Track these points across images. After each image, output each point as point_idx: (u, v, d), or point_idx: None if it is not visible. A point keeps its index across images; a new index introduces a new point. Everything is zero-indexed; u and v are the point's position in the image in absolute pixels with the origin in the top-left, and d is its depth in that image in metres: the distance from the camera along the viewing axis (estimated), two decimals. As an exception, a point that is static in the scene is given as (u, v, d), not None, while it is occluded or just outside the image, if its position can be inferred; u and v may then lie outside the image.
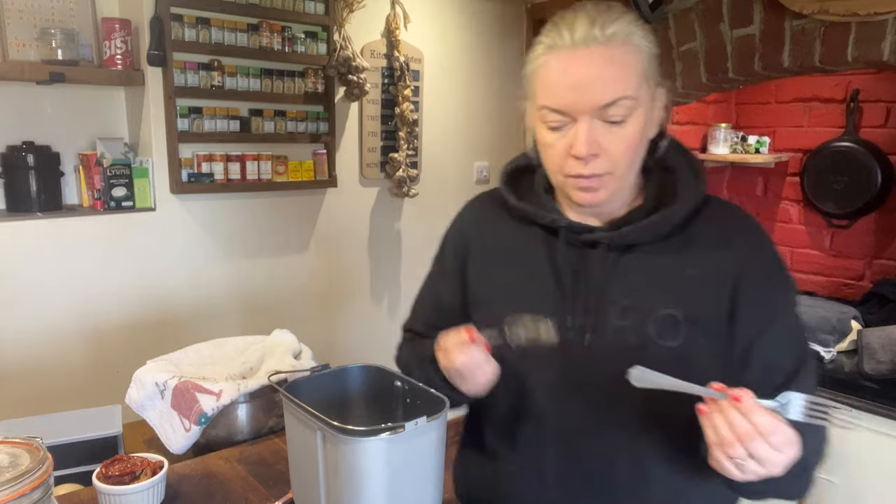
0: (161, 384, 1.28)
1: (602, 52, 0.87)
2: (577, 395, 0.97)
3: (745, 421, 0.75)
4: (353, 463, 0.82)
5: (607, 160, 0.90)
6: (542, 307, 0.97)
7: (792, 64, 1.98)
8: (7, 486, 0.71)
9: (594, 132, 0.89)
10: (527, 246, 1.04)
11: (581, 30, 0.88)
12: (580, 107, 0.88)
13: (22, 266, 2.08)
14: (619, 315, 0.95)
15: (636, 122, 0.90)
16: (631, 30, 0.89)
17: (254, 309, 2.61)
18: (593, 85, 0.87)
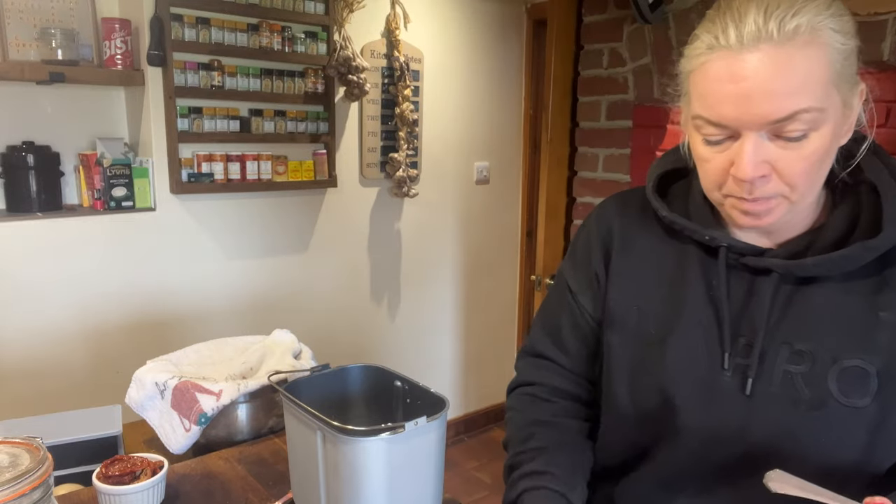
0: (161, 384, 1.28)
1: (777, 53, 0.68)
2: (726, 451, 0.82)
3: None
4: (353, 463, 0.82)
5: (780, 183, 0.73)
6: (697, 337, 0.83)
7: (792, 64, 1.98)
8: (7, 486, 0.71)
9: (763, 151, 0.72)
10: (679, 264, 0.87)
11: (751, 24, 0.69)
12: (746, 122, 0.71)
13: (22, 266, 2.08)
14: (792, 360, 0.78)
15: (821, 137, 0.71)
16: (818, 22, 0.69)
17: (254, 309, 2.61)
18: (764, 97, 0.69)
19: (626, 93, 2.43)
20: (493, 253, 3.46)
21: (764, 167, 0.72)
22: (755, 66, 0.69)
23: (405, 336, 3.13)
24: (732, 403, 0.80)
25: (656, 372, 0.85)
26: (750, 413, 0.79)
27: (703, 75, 0.73)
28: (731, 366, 0.81)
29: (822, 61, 0.69)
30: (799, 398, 0.77)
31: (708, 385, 0.82)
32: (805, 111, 0.69)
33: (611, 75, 2.47)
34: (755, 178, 0.72)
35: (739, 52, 0.70)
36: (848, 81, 0.73)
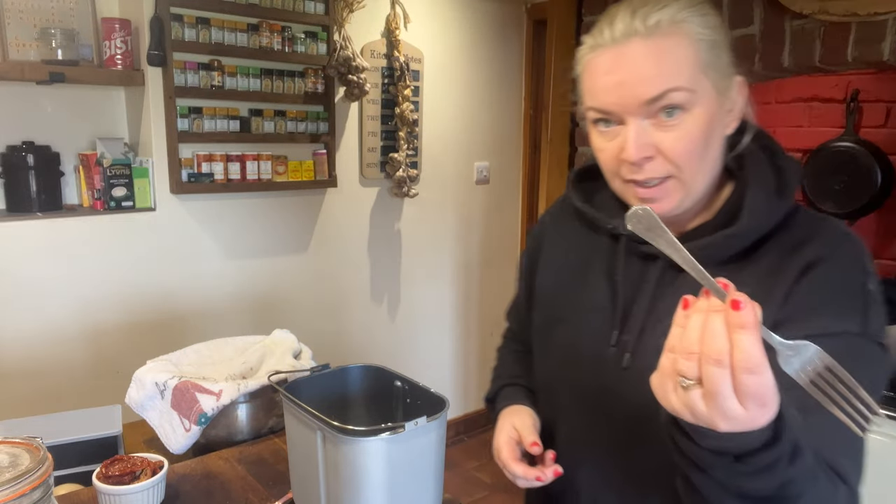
0: (161, 384, 1.28)
1: (644, 44, 0.78)
2: (609, 417, 0.90)
3: (724, 336, 0.55)
4: (353, 463, 0.82)
5: (665, 163, 0.80)
6: (595, 317, 0.92)
7: (792, 64, 1.98)
8: (7, 486, 0.71)
9: (645, 133, 0.79)
10: (590, 252, 0.97)
11: (621, 24, 0.79)
12: (625, 105, 0.79)
13: (22, 266, 2.08)
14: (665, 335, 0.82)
15: (697, 117, 0.79)
16: (679, 16, 0.78)
17: (254, 309, 2.61)
18: (637, 81, 0.78)
19: (626, 93, 2.43)
20: (492, 253, 3.46)
21: (648, 149, 0.80)
22: (627, 57, 0.79)
23: (405, 336, 3.13)
24: (612, 374, 0.89)
25: (561, 348, 0.97)
26: (626, 383, 0.88)
27: (588, 72, 0.84)
28: (619, 342, 0.90)
29: (687, 49, 0.78)
30: None
31: (596, 359, 0.91)
32: (674, 90, 0.77)
33: (611, 75, 2.47)
34: (641, 160, 0.80)
35: (613, 47, 0.80)
36: (718, 71, 0.80)
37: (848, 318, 0.77)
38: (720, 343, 0.55)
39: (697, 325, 0.57)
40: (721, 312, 0.56)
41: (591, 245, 0.98)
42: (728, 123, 0.84)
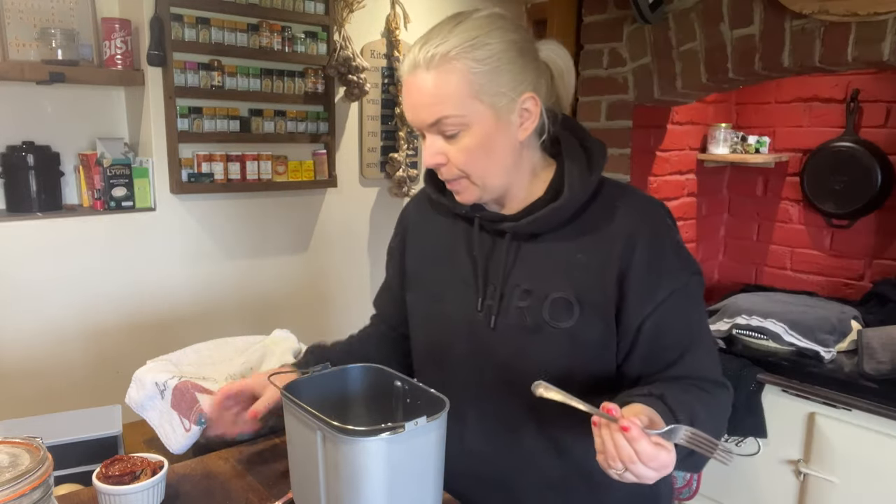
0: (161, 384, 1.28)
1: (423, 77, 0.95)
2: (486, 369, 1.07)
3: (629, 448, 0.80)
4: (353, 463, 0.82)
5: (454, 168, 0.99)
6: (461, 289, 1.09)
7: (792, 64, 1.98)
8: (7, 486, 0.71)
9: (436, 145, 0.99)
10: (450, 234, 1.14)
11: (410, 57, 0.97)
12: (417, 125, 1.00)
13: (22, 266, 2.08)
14: (521, 298, 1.04)
15: (472, 136, 0.96)
16: (454, 53, 0.93)
17: (254, 309, 2.61)
18: (417, 108, 0.97)
19: (626, 93, 2.43)
20: (493, 253, 3.45)
21: (439, 157, 0.99)
22: (413, 87, 0.97)
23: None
24: (483, 335, 1.07)
25: (438, 320, 1.13)
26: (495, 341, 1.06)
27: (402, 90, 1.02)
28: (484, 308, 1.07)
29: (458, 80, 0.94)
30: (525, 326, 1.03)
31: (468, 325, 1.08)
32: (446, 117, 0.95)
33: (611, 75, 2.46)
34: (435, 165, 1.00)
35: (407, 77, 0.98)
36: (495, 94, 0.95)
37: (673, 276, 1.00)
38: (627, 452, 0.80)
39: (610, 442, 0.82)
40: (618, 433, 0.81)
41: (451, 228, 1.14)
42: (521, 131, 1.00)
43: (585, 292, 1.00)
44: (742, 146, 2.73)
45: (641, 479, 0.83)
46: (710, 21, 2.14)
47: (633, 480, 0.84)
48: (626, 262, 0.99)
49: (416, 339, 1.21)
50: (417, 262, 1.19)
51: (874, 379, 1.90)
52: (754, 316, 2.19)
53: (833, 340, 2.09)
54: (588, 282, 1.01)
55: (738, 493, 2.19)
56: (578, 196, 1.01)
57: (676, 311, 1.00)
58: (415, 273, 1.19)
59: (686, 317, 1.02)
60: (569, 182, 1.01)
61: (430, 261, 1.16)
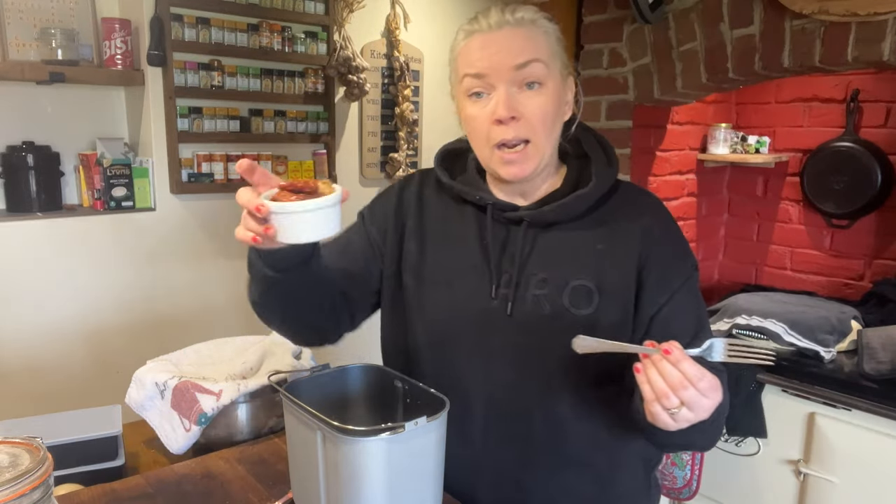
0: (161, 384, 1.28)
1: (513, 30, 1.01)
2: (499, 358, 1.07)
3: (676, 370, 0.82)
4: (353, 463, 0.82)
5: (526, 125, 1.00)
6: (474, 275, 1.09)
7: (792, 64, 1.98)
8: (7, 486, 0.71)
9: (512, 97, 1.00)
10: (460, 222, 1.13)
11: (495, 16, 1.02)
12: (497, 69, 0.99)
13: (22, 266, 2.08)
14: (538, 286, 1.05)
15: (549, 90, 1.01)
16: (538, 17, 1.03)
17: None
18: (508, 50, 0.99)
19: (626, 93, 2.43)
20: (493, 253, 3.45)
21: (514, 109, 1.00)
22: (501, 37, 1.00)
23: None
24: (497, 323, 1.06)
25: (444, 308, 1.11)
26: (512, 328, 1.06)
27: (467, 49, 1.04)
28: (498, 296, 1.07)
29: (543, 37, 1.02)
30: (543, 313, 1.04)
31: (483, 312, 1.07)
32: (537, 60, 0.99)
33: (611, 75, 2.46)
34: (508, 119, 0.99)
35: (490, 32, 1.01)
36: (562, 62, 1.04)
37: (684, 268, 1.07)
38: (676, 377, 0.82)
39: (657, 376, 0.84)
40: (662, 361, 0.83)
41: (456, 214, 1.14)
42: (565, 111, 1.07)
43: (606, 280, 1.04)
44: (742, 146, 2.73)
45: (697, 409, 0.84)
46: (710, 21, 2.14)
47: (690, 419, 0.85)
48: (645, 253, 1.04)
49: (415, 326, 1.15)
50: (418, 247, 1.16)
51: (874, 379, 1.90)
52: (754, 316, 2.19)
53: (833, 340, 2.09)
54: (608, 270, 1.04)
55: (738, 493, 2.19)
56: (602, 187, 1.07)
57: (685, 301, 1.06)
58: (414, 258, 1.16)
59: (693, 306, 1.07)
60: (595, 172, 1.07)
61: (433, 246, 1.15)
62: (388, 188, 1.26)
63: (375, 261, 1.19)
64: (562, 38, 1.06)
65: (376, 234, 1.19)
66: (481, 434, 1.09)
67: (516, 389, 1.07)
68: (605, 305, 1.04)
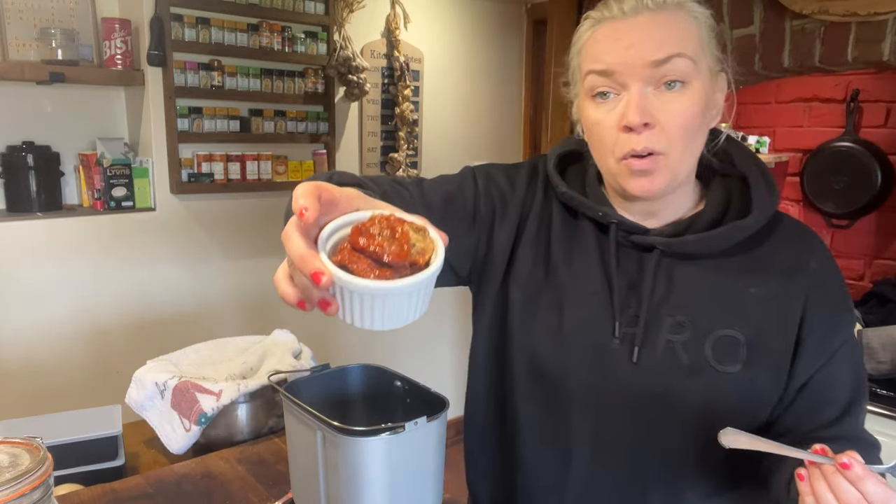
0: (161, 384, 1.28)
1: (653, 17, 0.81)
2: (615, 412, 0.88)
3: (853, 490, 0.67)
4: (353, 463, 0.82)
5: (662, 134, 0.81)
6: (592, 306, 0.90)
7: (792, 64, 1.98)
8: (7, 486, 0.71)
9: (646, 99, 0.81)
10: (576, 239, 0.94)
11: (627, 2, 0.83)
12: (630, 65, 0.80)
13: (22, 266, 2.07)
14: (673, 330, 0.86)
15: (694, 91, 0.81)
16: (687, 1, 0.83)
17: (254, 309, 2.61)
18: (644, 43, 0.80)
19: (626, 93, 2.43)
20: (493, 253, 3.45)
21: (648, 115, 0.80)
22: (637, 26, 0.81)
23: (405, 336, 3.13)
24: (621, 369, 0.87)
25: (554, 336, 0.91)
26: (637, 378, 0.87)
27: (592, 41, 0.85)
28: (621, 334, 0.88)
29: (691, 25, 0.82)
30: (679, 364, 0.85)
31: (600, 351, 0.88)
32: (680, 55, 0.80)
33: (611, 75, 2.47)
34: (640, 126, 0.80)
35: (623, 19, 0.82)
36: (712, 55, 0.84)
37: (847, 321, 0.89)
38: (854, 497, 0.67)
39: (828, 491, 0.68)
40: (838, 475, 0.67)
41: (573, 229, 0.95)
42: (713, 117, 0.87)
43: (761, 333, 0.85)
44: (742, 146, 2.73)
45: None
46: (710, 21, 2.14)
47: None
48: (807, 303, 0.86)
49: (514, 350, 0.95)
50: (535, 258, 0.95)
51: (874, 379, 1.90)
52: (754, 316, 2.19)
53: (833, 340, 2.08)
54: (764, 321, 0.86)
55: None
56: (763, 218, 0.87)
57: (846, 362, 0.88)
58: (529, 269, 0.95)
59: (853, 369, 0.89)
60: (756, 198, 0.87)
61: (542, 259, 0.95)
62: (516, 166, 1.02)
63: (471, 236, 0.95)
64: (715, 27, 0.86)
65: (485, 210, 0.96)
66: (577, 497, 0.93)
67: (632, 452, 0.89)
68: (756, 364, 0.85)
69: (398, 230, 0.59)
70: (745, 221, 0.86)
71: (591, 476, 0.91)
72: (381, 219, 0.60)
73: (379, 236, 0.59)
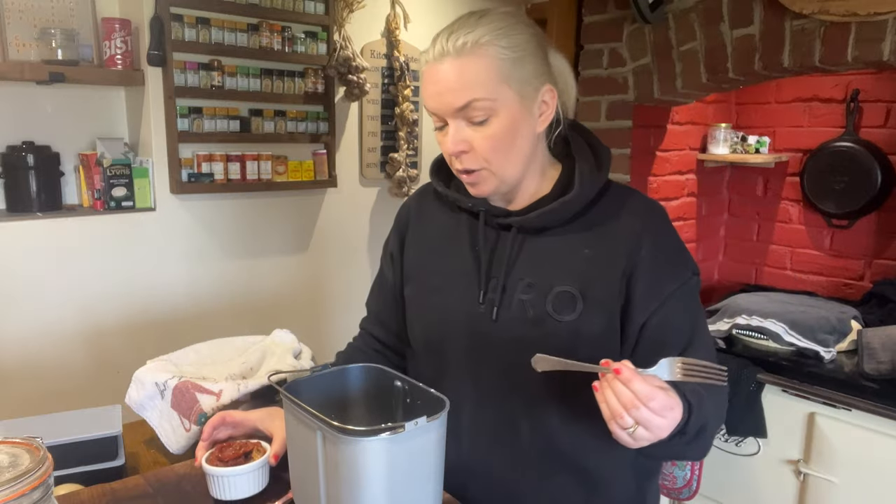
0: (161, 384, 1.28)
1: (453, 62, 0.97)
2: (486, 362, 1.07)
3: (627, 391, 0.82)
4: (353, 463, 0.82)
5: (477, 156, 1.00)
6: (462, 282, 1.10)
7: (792, 64, 1.98)
8: (7, 486, 0.71)
9: (461, 132, 0.99)
10: (453, 228, 1.14)
11: (438, 45, 1.00)
12: (443, 110, 0.99)
13: (22, 266, 2.08)
14: (524, 291, 1.05)
15: (500, 120, 0.98)
16: (483, 39, 0.97)
17: (254, 309, 2.61)
18: (448, 91, 0.98)
19: (626, 93, 2.43)
20: (493, 253, 3.45)
21: (462, 144, 1.00)
22: (443, 72, 0.98)
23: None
24: (484, 327, 1.07)
25: (437, 313, 1.12)
26: (496, 333, 1.06)
27: (424, 79, 1.03)
28: (486, 301, 1.07)
29: (488, 66, 0.97)
30: (527, 318, 1.04)
31: (469, 317, 1.08)
32: (477, 100, 0.97)
33: (611, 75, 2.46)
34: (457, 153, 1.00)
35: (434, 64, 1.00)
36: (521, 82, 0.99)
37: (677, 273, 1.04)
38: (628, 396, 0.82)
39: (611, 395, 0.84)
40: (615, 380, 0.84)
41: (453, 222, 1.15)
42: (540, 122, 1.04)
43: (590, 287, 1.02)
44: (742, 146, 2.73)
45: (653, 429, 0.83)
46: (710, 21, 2.14)
47: (648, 437, 0.84)
48: (633, 259, 1.02)
49: (412, 333, 1.20)
50: (417, 255, 1.19)
51: (874, 379, 1.90)
52: (754, 316, 2.19)
53: (833, 340, 2.09)
54: (594, 276, 1.03)
55: (737, 493, 2.19)
56: (588, 192, 1.05)
57: (679, 309, 1.03)
58: (414, 266, 1.19)
59: (688, 314, 1.05)
60: (579, 178, 1.05)
61: (430, 253, 1.17)
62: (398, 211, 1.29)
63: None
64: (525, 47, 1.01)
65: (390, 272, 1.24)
66: (471, 438, 1.10)
67: (503, 396, 1.08)
68: (589, 313, 1.02)
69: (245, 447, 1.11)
70: (569, 196, 1.03)
71: (477, 419, 1.09)
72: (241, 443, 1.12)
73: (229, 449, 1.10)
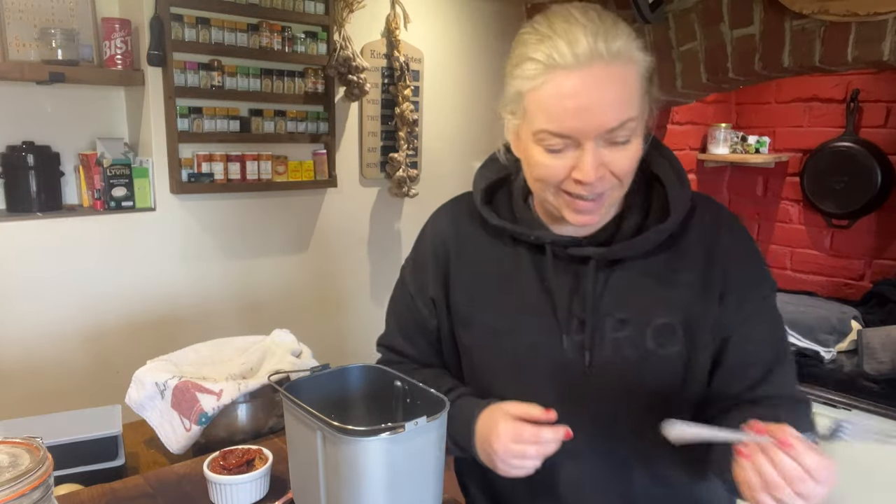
0: (161, 384, 1.28)
1: (607, 70, 0.81)
2: (581, 415, 0.93)
3: (795, 465, 0.71)
4: (353, 463, 0.82)
5: (612, 179, 0.88)
6: (538, 326, 0.97)
7: (792, 64, 1.98)
8: (7, 486, 0.71)
9: (600, 156, 0.85)
10: (512, 264, 1.01)
11: (584, 44, 0.81)
12: (587, 132, 0.83)
13: (22, 266, 2.08)
14: (616, 328, 0.94)
15: (638, 138, 0.88)
16: (632, 44, 0.85)
17: (254, 309, 2.61)
18: (600, 108, 0.82)
19: (626, 93, 2.43)
20: (493, 253, 3.45)
21: (601, 169, 0.86)
22: (591, 82, 0.81)
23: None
24: (575, 376, 0.95)
25: (509, 361, 0.99)
26: (592, 381, 0.95)
27: (544, 93, 0.84)
28: (569, 344, 0.95)
29: (637, 77, 0.85)
30: (627, 358, 0.93)
31: (554, 366, 0.96)
32: (630, 119, 0.84)
33: (611, 75, 2.47)
34: (599, 179, 0.86)
35: (577, 69, 0.81)
36: (652, 97, 0.89)
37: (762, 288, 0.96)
38: (795, 470, 0.71)
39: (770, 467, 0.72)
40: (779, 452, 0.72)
41: (510, 255, 1.01)
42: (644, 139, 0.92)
43: (689, 315, 0.94)
44: (742, 146, 2.73)
45: (812, 499, 0.73)
46: (710, 21, 2.14)
47: None
48: (725, 277, 0.94)
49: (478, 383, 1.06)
50: (464, 296, 1.04)
51: (874, 379, 1.90)
52: (754, 316, 2.19)
53: (833, 340, 2.09)
54: (692, 302, 0.94)
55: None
56: (681, 216, 0.94)
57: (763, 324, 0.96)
58: (468, 309, 1.04)
59: (771, 330, 0.97)
60: (673, 203, 0.94)
61: (481, 293, 1.03)
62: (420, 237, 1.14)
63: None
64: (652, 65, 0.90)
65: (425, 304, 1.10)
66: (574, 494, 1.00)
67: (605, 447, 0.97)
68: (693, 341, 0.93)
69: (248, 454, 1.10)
70: (666, 225, 0.93)
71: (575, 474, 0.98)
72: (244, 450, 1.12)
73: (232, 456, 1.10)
